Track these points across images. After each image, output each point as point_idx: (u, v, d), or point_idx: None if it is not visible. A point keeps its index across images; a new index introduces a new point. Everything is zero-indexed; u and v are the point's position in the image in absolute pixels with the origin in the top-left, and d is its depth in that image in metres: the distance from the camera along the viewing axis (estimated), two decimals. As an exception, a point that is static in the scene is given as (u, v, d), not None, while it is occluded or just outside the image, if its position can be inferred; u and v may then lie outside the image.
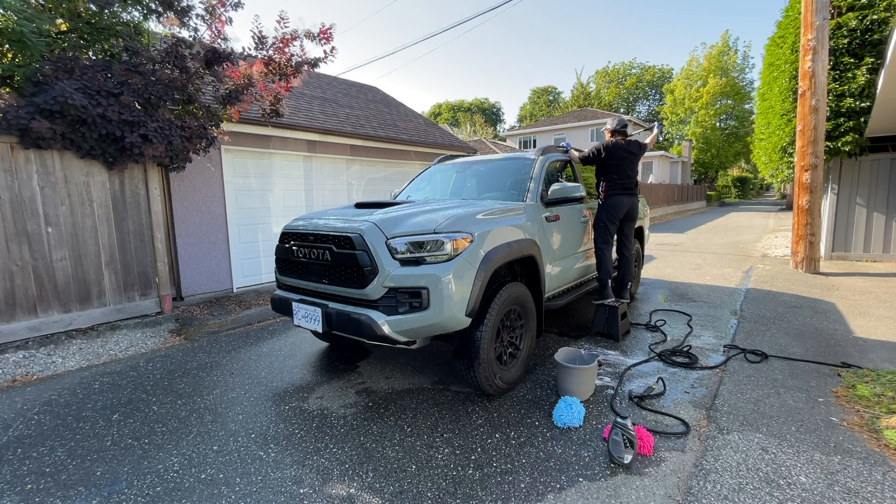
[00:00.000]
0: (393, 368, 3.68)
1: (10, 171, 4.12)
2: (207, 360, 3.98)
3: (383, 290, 2.73)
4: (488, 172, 4.47)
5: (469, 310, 2.74)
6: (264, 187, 6.90)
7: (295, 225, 3.38)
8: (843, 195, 8.01)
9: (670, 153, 32.82)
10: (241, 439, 2.65)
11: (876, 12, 6.80)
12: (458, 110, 57.83)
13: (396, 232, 2.82)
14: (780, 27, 9.65)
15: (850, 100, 7.07)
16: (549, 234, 3.71)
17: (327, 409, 2.99)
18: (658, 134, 5.02)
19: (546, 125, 33.79)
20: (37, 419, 2.95)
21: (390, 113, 10.84)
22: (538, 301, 3.49)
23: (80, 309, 4.59)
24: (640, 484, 2.16)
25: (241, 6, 5.34)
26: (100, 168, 4.68)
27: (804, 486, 2.11)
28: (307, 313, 3.07)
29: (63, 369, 3.84)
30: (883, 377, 3.16)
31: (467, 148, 11.38)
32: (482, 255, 2.86)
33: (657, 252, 9.98)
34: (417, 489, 2.16)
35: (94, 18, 4.72)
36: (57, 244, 4.42)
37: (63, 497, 2.17)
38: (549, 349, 4.00)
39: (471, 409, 2.96)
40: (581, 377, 2.98)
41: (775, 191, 42.46)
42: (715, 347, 3.96)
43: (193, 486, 2.22)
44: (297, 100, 8.10)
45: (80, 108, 4.08)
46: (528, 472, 2.28)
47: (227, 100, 5.23)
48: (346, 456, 2.45)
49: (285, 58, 5.54)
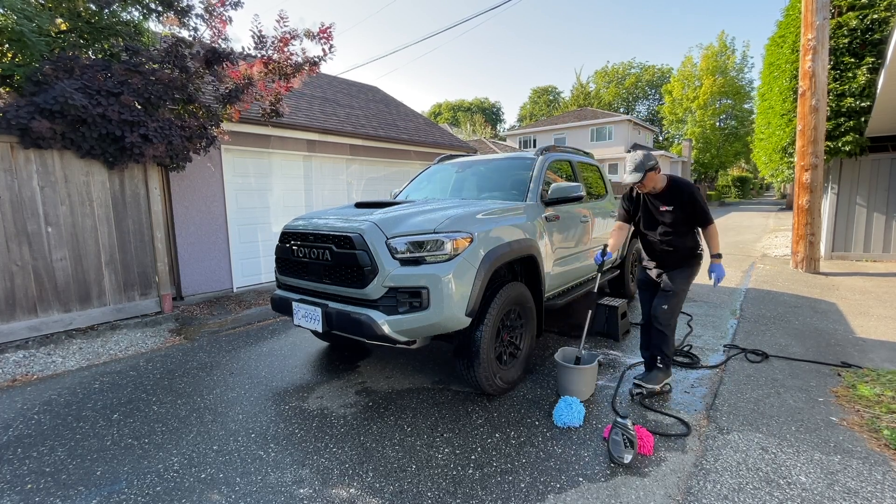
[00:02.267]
0: (393, 368, 3.68)
1: (10, 170, 4.12)
2: (207, 360, 3.98)
3: (383, 289, 2.73)
4: (488, 172, 4.46)
5: (469, 309, 2.74)
6: (264, 187, 6.89)
7: (295, 224, 3.38)
8: (843, 195, 8.01)
9: (670, 153, 32.84)
10: (241, 439, 2.65)
11: (876, 12, 6.80)
12: (458, 110, 57.77)
13: (396, 232, 2.82)
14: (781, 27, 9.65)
15: (850, 99, 7.07)
16: (549, 233, 3.71)
17: (327, 409, 2.99)
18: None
19: (546, 125, 33.77)
20: (37, 419, 2.95)
21: (390, 112, 10.84)
22: (538, 301, 3.49)
23: (80, 309, 4.59)
24: (640, 484, 2.16)
25: (240, 6, 5.34)
26: (100, 168, 4.67)
27: (804, 486, 2.11)
28: (307, 313, 3.07)
29: (63, 369, 3.84)
30: (883, 377, 3.16)
31: (467, 147, 11.38)
32: (482, 254, 2.86)
33: (657, 252, 9.97)
34: (417, 489, 2.16)
35: (93, 18, 4.72)
36: (57, 244, 4.42)
37: (63, 497, 2.17)
38: (549, 349, 4.00)
39: (471, 408, 2.96)
40: (581, 377, 2.98)
41: (775, 191, 42.42)
42: (715, 347, 3.96)
43: (193, 486, 2.22)
44: (297, 99, 8.09)
45: (80, 108, 4.07)
46: (528, 471, 2.28)
47: (227, 99, 5.23)
48: (346, 455, 2.45)
49: (285, 57, 5.54)
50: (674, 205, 2.93)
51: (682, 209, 2.92)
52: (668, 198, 2.95)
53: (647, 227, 3.11)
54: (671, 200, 2.93)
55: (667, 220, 2.96)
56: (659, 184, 2.94)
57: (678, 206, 2.92)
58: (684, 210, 2.92)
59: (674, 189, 2.95)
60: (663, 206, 2.96)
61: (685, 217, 2.94)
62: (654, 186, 2.94)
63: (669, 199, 2.94)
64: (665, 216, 2.96)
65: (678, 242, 3.00)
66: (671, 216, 2.94)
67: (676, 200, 2.92)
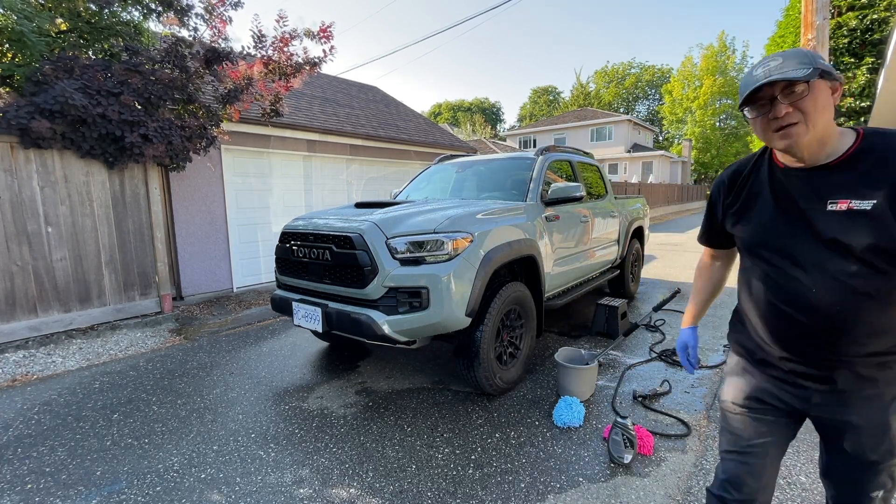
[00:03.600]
0: (393, 368, 3.68)
1: (10, 170, 4.12)
2: (207, 360, 3.98)
3: (383, 289, 2.73)
4: (488, 172, 4.46)
5: (469, 309, 2.74)
6: (264, 187, 6.90)
7: (295, 224, 3.38)
8: (843, 195, 8.00)
9: (670, 153, 32.83)
10: (241, 439, 2.65)
11: (876, 12, 6.81)
12: (458, 110, 57.79)
13: (396, 232, 2.82)
14: (781, 27, 9.66)
15: (850, 99, 7.08)
16: (549, 233, 3.71)
17: (327, 409, 2.99)
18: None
19: (546, 125, 33.78)
20: (37, 419, 2.95)
21: (390, 112, 10.84)
22: (538, 301, 3.49)
23: (80, 309, 4.59)
24: (640, 484, 2.16)
25: (240, 6, 5.34)
26: (100, 168, 4.67)
27: (804, 486, 2.11)
28: (307, 313, 3.07)
29: (63, 369, 3.84)
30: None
31: (467, 148, 11.38)
32: (482, 254, 2.86)
33: (658, 251, 9.98)
34: (417, 489, 2.16)
35: (93, 18, 4.72)
36: (57, 244, 4.42)
37: (63, 497, 2.17)
38: (549, 349, 4.00)
39: (471, 408, 2.96)
40: (581, 377, 2.98)
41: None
42: (715, 347, 3.96)
43: (193, 486, 2.22)
44: (296, 99, 8.09)
45: (80, 108, 4.07)
46: (528, 471, 2.28)
47: (226, 99, 5.23)
48: (346, 455, 2.45)
49: (285, 57, 5.54)
50: (881, 192, 1.01)
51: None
52: (858, 175, 1.05)
53: (787, 255, 1.14)
54: (870, 181, 1.03)
55: (859, 237, 1.03)
56: (830, 137, 1.07)
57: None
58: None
59: (877, 152, 1.04)
60: (847, 201, 1.04)
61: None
62: (818, 139, 1.06)
63: (862, 179, 1.04)
64: (853, 227, 1.04)
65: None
66: (872, 228, 1.02)
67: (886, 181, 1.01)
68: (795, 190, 1.13)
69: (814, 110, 1.01)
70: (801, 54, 1.04)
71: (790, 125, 1.03)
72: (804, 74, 0.99)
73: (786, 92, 1.03)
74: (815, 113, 1.02)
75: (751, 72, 1.08)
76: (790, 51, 1.06)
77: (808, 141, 1.04)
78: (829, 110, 1.04)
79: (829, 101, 1.03)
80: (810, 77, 0.99)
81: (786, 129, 1.04)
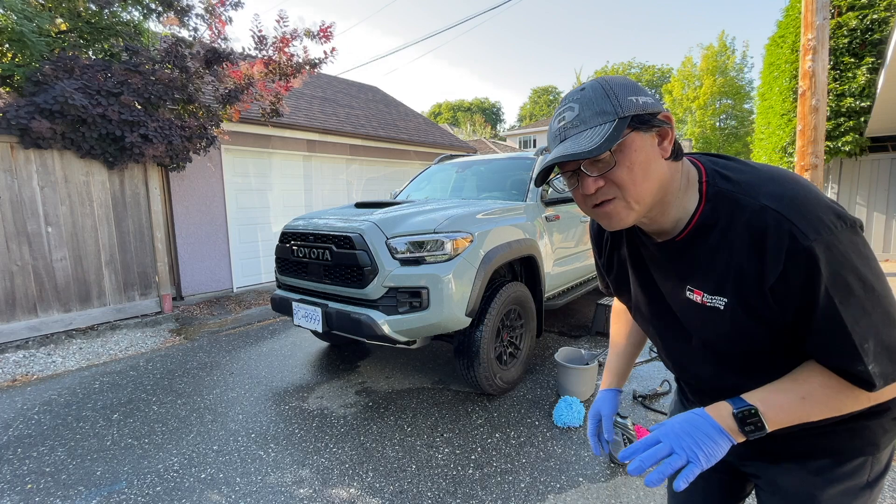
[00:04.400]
0: (393, 368, 3.68)
1: (10, 170, 4.12)
2: (207, 360, 3.98)
3: (383, 289, 2.73)
4: (488, 172, 4.46)
5: (469, 309, 2.74)
6: (264, 187, 6.90)
7: (295, 224, 3.38)
8: (843, 195, 8.01)
9: (670, 153, 32.74)
10: (241, 439, 2.65)
11: (876, 12, 6.80)
12: (458, 110, 57.79)
13: (396, 231, 2.82)
14: (781, 27, 9.65)
15: (850, 99, 7.07)
16: (549, 233, 3.71)
17: (327, 409, 2.99)
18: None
19: (546, 125, 33.79)
20: (37, 419, 2.95)
21: (390, 112, 10.84)
22: (538, 301, 3.49)
23: (80, 309, 4.59)
24: (640, 484, 2.16)
25: (241, 6, 5.34)
26: (100, 168, 4.67)
27: None
28: (307, 313, 3.07)
29: (63, 369, 3.84)
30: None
31: (467, 148, 11.38)
32: (482, 254, 2.86)
33: (657, 252, 9.96)
34: (417, 489, 2.16)
35: (94, 18, 4.72)
36: (57, 244, 4.42)
37: (63, 497, 2.17)
38: (549, 349, 4.00)
39: (471, 408, 2.96)
40: (581, 377, 2.98)
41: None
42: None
43: (193, 486, 2.22)
44: (297, 99, 8.10)
45: (80, 108, 4.08)
46: (528, 471, 2.28)
47: (227, 99, 5.23)
48: (346, 455, 2.45)
49: (285, 57, 5.54)
50: (730, 285, 0.77)
51: (773, 297, 0.72)
52: (705, 258, 0.80)
53: (661, 336, 1.00)
54: (718, 269, 0.78)
55: (723, 341, 0.83)
56: (671, 201, 0.80)
57: (751, 287, 0.74)
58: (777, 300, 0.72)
59: (721, 226, 0.77)
60: (700, 292, 0.81)
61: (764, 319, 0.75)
62: (655, 208, 0.80)
63: (710, 265, 0.79)
64: (713, 323, 0.81)
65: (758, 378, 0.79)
66: (731, 329, 0.79)
67: (748, 265, 0.73)
68: (654, 266, 0.91)
69: (631, 182, 0.73)
70: (599, 97, 0.73)
71: (605, 202, 0.76)
72: (596, 146, 0.68)
73: (591, 159, 0.73)
74: (633, 186, 0.73)
75: (552, 121, 0.81)
76: (589, 90, 0.75)
77: (635, 218, 0.78)
78: (656, 172, 0.74)
79: (653, 158, 0.74)
80: (607, 147, 0.68)
81: (601, 206, 0.77)
